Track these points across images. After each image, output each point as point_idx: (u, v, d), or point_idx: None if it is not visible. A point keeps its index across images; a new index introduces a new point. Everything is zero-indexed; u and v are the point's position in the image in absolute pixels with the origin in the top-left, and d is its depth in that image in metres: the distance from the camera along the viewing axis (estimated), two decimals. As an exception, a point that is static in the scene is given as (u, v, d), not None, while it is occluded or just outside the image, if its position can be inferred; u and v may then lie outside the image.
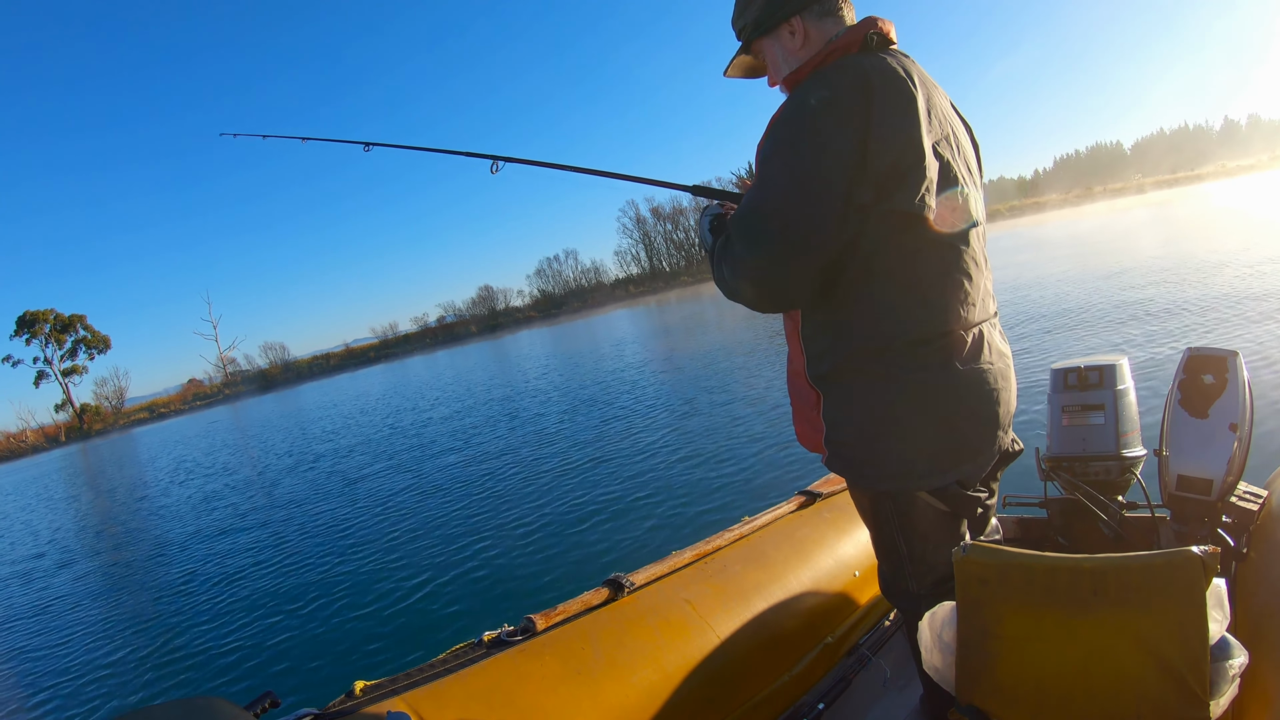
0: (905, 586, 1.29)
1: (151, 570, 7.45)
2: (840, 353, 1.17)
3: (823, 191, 1.06)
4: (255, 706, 1.11)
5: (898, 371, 1.14)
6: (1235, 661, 0.91)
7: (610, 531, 5.07)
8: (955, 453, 1.18)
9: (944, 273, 1.14)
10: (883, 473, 1.20)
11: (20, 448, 52.88)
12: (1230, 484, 1.69)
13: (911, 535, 1.24)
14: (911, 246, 1.12)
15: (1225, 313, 7.76)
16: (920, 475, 1.18)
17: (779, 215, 1.08)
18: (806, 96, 1.08)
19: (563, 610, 1.58)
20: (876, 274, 1.12)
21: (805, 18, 1.20)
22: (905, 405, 1.15)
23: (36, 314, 57.70)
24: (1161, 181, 76.31)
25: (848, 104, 1.05)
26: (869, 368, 1.15)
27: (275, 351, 68.34)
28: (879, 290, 1.13)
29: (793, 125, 1.09)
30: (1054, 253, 19.50)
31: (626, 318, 38.74)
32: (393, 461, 10.32)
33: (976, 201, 1.19)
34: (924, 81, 1.14)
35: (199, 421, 38.93)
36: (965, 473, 1.20)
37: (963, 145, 1.21)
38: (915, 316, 1.13)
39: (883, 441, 1.18)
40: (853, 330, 1.15)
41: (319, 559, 6.17)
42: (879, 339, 1.14)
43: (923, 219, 1.09)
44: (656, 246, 77.29)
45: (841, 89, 1.06)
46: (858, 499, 1.33)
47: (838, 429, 1.22)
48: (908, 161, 1.07)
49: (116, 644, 5.25)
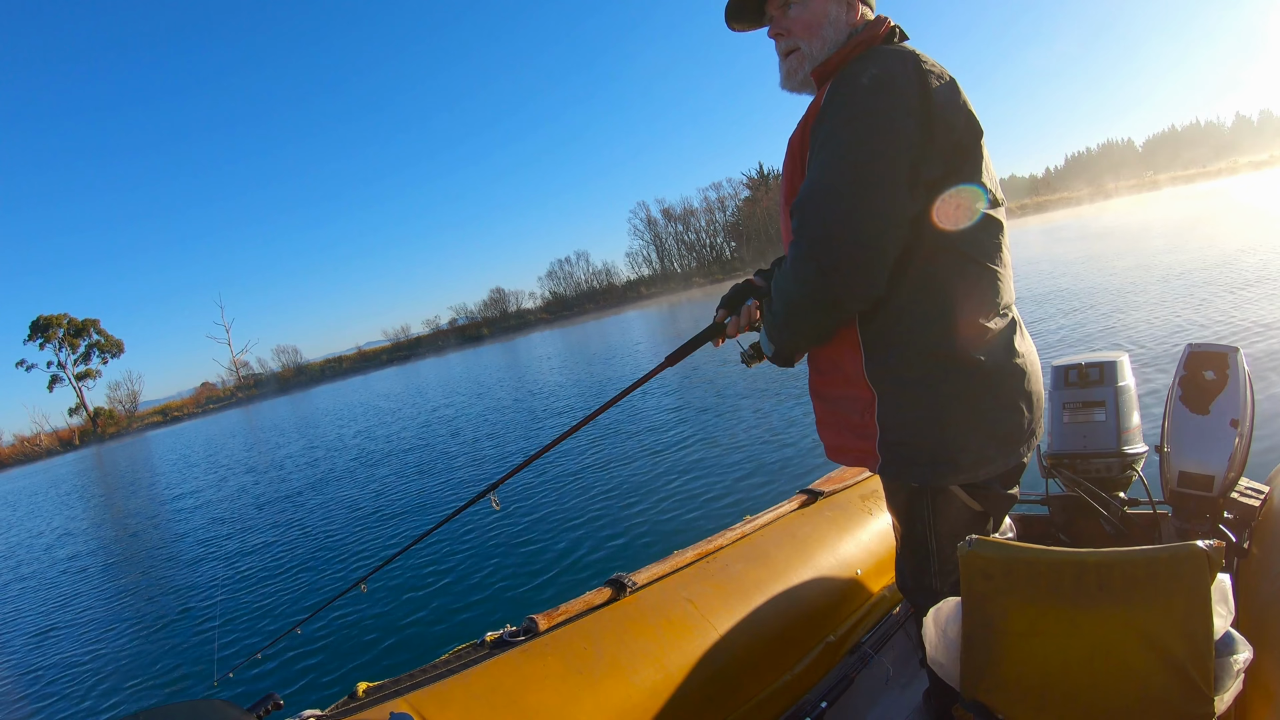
0: (928, 583, 1.29)
1: (157, 572, 7.44)
2: (911, 344, 1.15)
3: (884, 167, 1.04)
4: (259, 708, 1.11)
5: (955, 363, 1.13)
6: (1239, 657, 0.91)
7: (612, 531, 5.06)
8: (1014, 440, 1.19)
9: (998, 250, 1.16)
10: (950, 466, 1.17)
11: (35, 451, 53.07)
12: (1232, 480, 1.69)
13: (944, 533, 1.24)
14: (967, 237, 1.12)
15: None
16: (985, 463, 1.18)
17: (845, 193, 1.05)
18: (857, 77, 1.07)
19: (565, 610, 1.58)
20: (948, 255, 1.12)
21: (864, 4, 1.21)
22: (966, 397, 1.14)
23: (50, 318, 58.01)
24: (1177, 178, 76.13)
25: (902, 82, 1.05)
26: (939, 357, 1.13)
27: (288, 355, 68.69)
28: (950, 272, 1.13)
29: (850, 104, 1.07)
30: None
31: (638, 319, 38.69)
32: (396, 463, 10.31)
33: (997, 184, 1.19)
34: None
35: (212, 425, 38.90)
36: (1020, 459, 1.22)
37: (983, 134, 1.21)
38: (982, 297, 1.13)
39: (950, 433, 1.15)
40: (910, 321, 1.14)
41: (321, 560, 6.16)
42: (937, 330, 1.13)
43: (976, 207, 1.11)
44: (668, 248, 77.40)
45: (893, 69, 1.06)
46: (893, 494, 1.31)
47: (896, 429, 1.18)
48: (969, 139, 1.08)
49: (120, 646, 5.24)
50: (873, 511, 2.16)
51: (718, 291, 8.57)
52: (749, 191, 74.51)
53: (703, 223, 76.02)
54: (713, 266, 73.12)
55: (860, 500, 2.21)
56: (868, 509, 2.17)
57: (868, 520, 2.12)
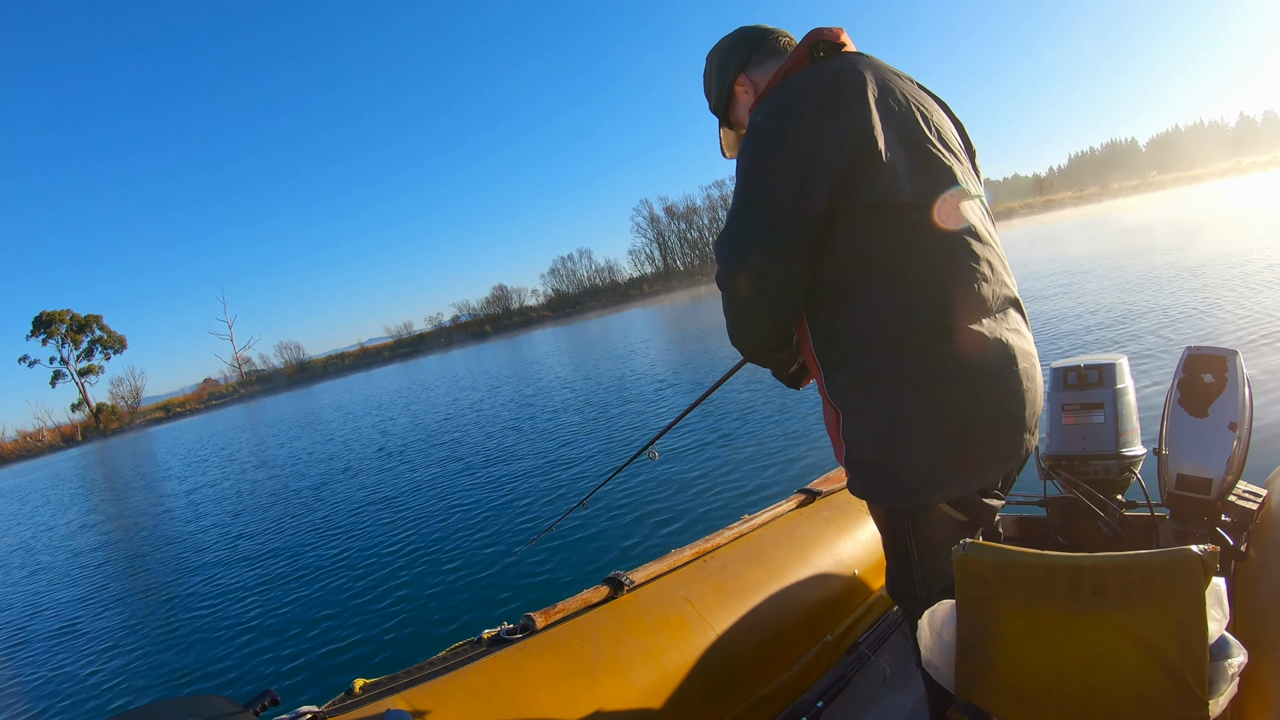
0: (913, 592, 1.26)
1: (154, 569, 7.46)
2: (854, 360, 1.13)
3: (771, 202, 1.10)
4: (255, 704, 1.11)
5: (913, 375, 1.08)
6: (1234, 661, 0.91)
7: (610, 530, 5.07)
8: (978, 461, 1.12)
9: (946, 258, 1.10)
10: (905, 489, 1.13)
11: (37, 447, 53.26)
12: (1230, 483, 1.69)
13: (925, 544, 1.21)
14: (905, 236, 1.09)
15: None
16: (942, 486, 1.13)
17: (739, 230, 1.13)
18: (755, 117, 1.15)
19: (562, 608, 1.58)
20: (874, 270, 1.09)
21: (749, 72, 1.28)
22: (924, 413, 1.09)
23: (53, 314, 58.12)
24: (1181, 178, 75.83)
25: (790, 113, 1.10)
26: (884, 374, 1.10)
27: (290, 351, 68.68)
28: (880, 287, 1.09)
29: (746, 145, 1.15)
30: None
31: (640, 317, 38.65)
32: (394, 461, 10.33)
33: (964, 174, 1.15)
34: (879, 71, 1.14)
35: (213, 421, 38.90)
36: (988, 479, 1.16)
37: (936, 123, 1.17)
38: (923, 309, 1.08)
39: (904, 456, 1.11)
40: (862, 334, 1.11)
41: (319, 558, 6.17)
42: (889, 339, 1.09)
43: (904, 205, 1.08)
44: (670, 245, 77.22)
45: (784, 100, 1.12)
46: (873, 508, 1.29)
47: (857, 447, 1.16)
48: (863, 154, 1.06)
49: (118, 642, 5.26)
50: (871, 512, 2.16)
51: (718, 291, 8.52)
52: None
53: (706, 220, 75.85)
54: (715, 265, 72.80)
55: (858, 500, 2.21)
56: (865, 509, 2.17)
57: (865, 520, 2.12)
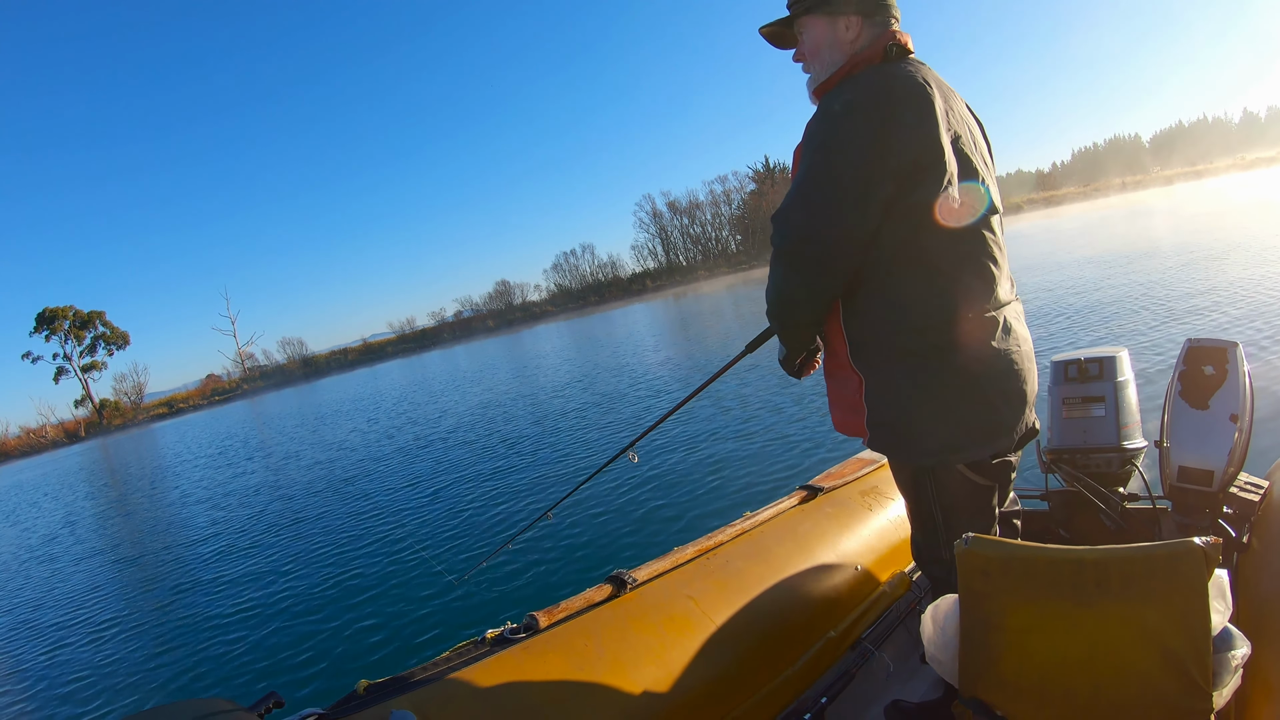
0: (938, 554, 1.39)
1: (157, 570, 7.46)
2: (882, 338, 1.27)
3: (842, 186, 1.18)
4: (259, 707, 1.11)
5: (935, 353, 1.24)
6: (1238, 652, 0.91)
7: (612, 528, 5.07)
8: (992, 428, 1.27)
9: (973, 258, 1.24)
10: (925, 449, 1.29)
11: (40, 443, 53.19)
12: (1231, 475, 1.69)
13: (949, 507, 1.35)
14: (943, 235, 1.21)
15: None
16: (959, 449, 1.28)
17: (806, 206, 1.21)
18: (832, 103, 1.21)
19: (565, 607, 1.58)
20: (912, 262, 1.22)
21: (865, 20, 1.30)
22: (943, 385, 1.24)
23: (56, 310, 57.96)
24: (1187, 174, 75.77)
25: (868, 108, 1.17)
26: (908, 351, 1.25)
27: (293, 347, 68.22)
28: (915, 277, 1.23)
29: (820, 129, 1.22)
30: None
31: (643, 312, 38.61)
32: (396, 460, 10.32)
33: (995, 191, 1.29)
34: (940, 86, 1.24)
35: (217, 417, 38.85)
36: (1000, 447, 1.30)
37: (978, 141, 1.31)
38: (950, 300, 1.23)
39: (924, 420, 1.27)
40: (893, 316, 1.25)
41: (322, 560, 6.18)
42: (917, 322, 1.23)
43: (949, 209, 1.19)
44: (673, 241, 76.97)
45: (862, 95, 1.19)
46: (898, 472, 1.44)
47: (879, 410, 1.32)
48: (928, 159, 1.17)
49: (121, 644, 5.26)
50: (873, 507, 2.17)
51: (722, 285, 8.52)
52: (755, 185, 74.22)
53: (708, 216, 75.74)
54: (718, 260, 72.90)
55: (860, 496, 2.21)
56: (868, 505, 2.17)
57: (868, 516, 2.13)
